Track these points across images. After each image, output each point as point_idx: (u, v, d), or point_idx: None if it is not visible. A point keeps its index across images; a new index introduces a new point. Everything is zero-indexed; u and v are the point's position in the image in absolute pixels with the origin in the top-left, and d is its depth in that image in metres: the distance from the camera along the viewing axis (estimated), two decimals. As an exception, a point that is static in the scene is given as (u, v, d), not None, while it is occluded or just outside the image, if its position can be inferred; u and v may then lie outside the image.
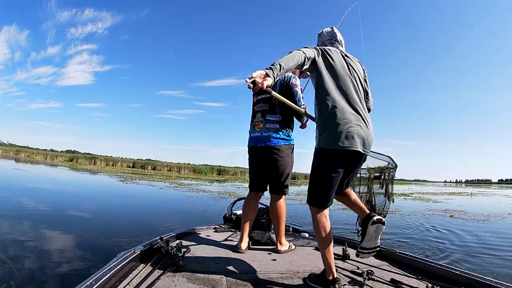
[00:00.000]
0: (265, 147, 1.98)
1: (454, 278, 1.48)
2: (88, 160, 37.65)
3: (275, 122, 1.98)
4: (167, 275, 1.40)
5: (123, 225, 4.41)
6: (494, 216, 7.76)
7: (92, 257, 2.69)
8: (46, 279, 2.14)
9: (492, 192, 26.71)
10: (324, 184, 1.38)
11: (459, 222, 6.37)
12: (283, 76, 2.02)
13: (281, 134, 1.97)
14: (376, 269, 1.66)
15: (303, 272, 1.60)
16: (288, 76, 2.02)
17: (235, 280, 1.43)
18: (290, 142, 2.02)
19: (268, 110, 2.01)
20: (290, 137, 2.02)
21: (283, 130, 1.98)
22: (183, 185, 14.00)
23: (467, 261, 3.28)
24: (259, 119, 2.03)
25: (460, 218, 6.95)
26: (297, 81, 2.02)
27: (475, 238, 4.59)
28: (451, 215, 7.33)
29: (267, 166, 2.02)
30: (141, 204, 6.97)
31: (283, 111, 1.98)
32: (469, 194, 19.71)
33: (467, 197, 16.53)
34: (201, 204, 7.31)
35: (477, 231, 5.26)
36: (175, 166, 40.49)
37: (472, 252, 3.70)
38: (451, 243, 4.20)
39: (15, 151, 40.31)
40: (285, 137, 1.98)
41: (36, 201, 5.69)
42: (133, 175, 19.63)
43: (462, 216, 7.43)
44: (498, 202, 13.66)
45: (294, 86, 1.98)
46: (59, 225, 3.85)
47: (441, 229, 5.28)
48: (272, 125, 1.98)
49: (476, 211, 8.64)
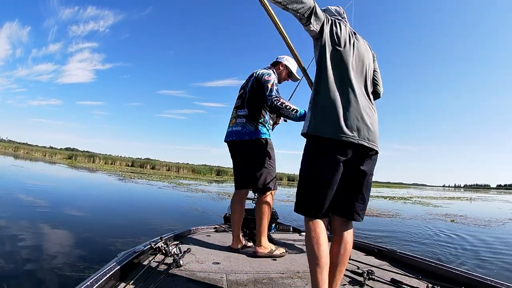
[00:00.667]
0: (234, 142, 1.99)
1: (454, 278, 1.48)
2: (87, 158, 37.53)
3: (242, 117, 1.97)
4: (167, 275, 1.39)
5: (122, 224, 4.35)
6: (495, 221, 7.73)
7: (92, 257, 2.66)
8: (45, 279, 2.12)
9: (491, 197, 26.69)
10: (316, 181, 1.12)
11: (461, 227, 6.31)
12: (258, 74, 2.00)
13: (247, 128, 1.93)
14: (377, 269, 1.64)
15: (303, 272, 1.59)
16: (262, 73, 1.99)
17: (235, 280, 1.42)
18: (259, 136, 1.93)
19: (239, 106, 2.02)
20: (259, 130, 1.94)
21: (249, 124, 1.94)
22: (182, 185, 13.94)
23: (469, 265, 3.22)
24: (234, 115, 2.05)
25: (461, 223, 6.90)
26: (270, 77, 1.96)
27: (478, 243, 4.53)
28: (452, 220, 7.28)
29: (240, 162, 2.02)
30: (140, 203, 6.91)
31: (250, 105, 1.97)
32: (469, 199, 19.68)
33: (467, 202, 16.49)
34: (200, 205, 7.25)
35: (480, 236, 5.20)
36: (174, 165, 40.43)
37: (476, 257, 3.65)
38: (454, 247, 4.15)
39: (14, 148, 40.20)
40: (251, 131, 1.92)
41: (32, 199, 5.61)
42: (132, 174, 19.56)
43: (463, 221, 7.38)
44: (498, 208, 13.62)
45: (265, 82, 1.92)
46: (57, 225, 3.79)
47: (444, 233, 5.22)
48: (240, 119, 1.98)
49: (477, 216, 8.60)
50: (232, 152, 2.09)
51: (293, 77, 2.22)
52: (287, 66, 2.16)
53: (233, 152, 2.07)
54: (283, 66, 2.16)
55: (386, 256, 1.97)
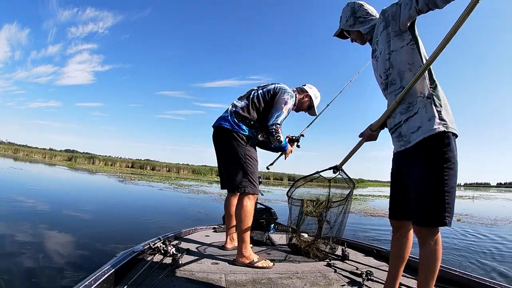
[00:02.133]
0: (217, 127, 1.85)
1: (454, 279, 1.48)
2: (86, 159, 37.43)
3: (237, 107, 1.84)
4: (166, 274, 1.38)
5: (123, 226, 4.25)
6: (501, 220, 7.66)
7: (91, 256, 2.63)
8: (44, 279, 2.09)
9: (494, 195, 26.66)
10: (453, 187, 1.01)
11: (467, 226, 6.21)
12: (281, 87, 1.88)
13: (232, 119, 1.79)
14: (376, 270, 1.65)
15: (302, 272, 1.59)
16: (285, 91, 1.86)
17: (234, 280, 1.41)
18: (242, 132, 1.78)
19: (241, 97, 1.91)
20: (243, 128, 1.79)
21: (238, 117, 1.80)
22: (183, 186, 13.84)
23: (481, 265, 3.12)
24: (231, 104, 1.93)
25: (467, 222, 6.82)
26: (290, 101, 1.85)
27: (490, 243, 4.43)
28: (458, 219, 7.18)
29: (218, 152, 1.91)
30: (141, 206, 6.79)
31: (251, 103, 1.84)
32: (471, 198, 19.59)
33: (469, 201, 16.39)
34: (202, 206, 7.14)
35: (489, 235, 5.11)
36: (174, 166, 40.35)
37: (489, 258, 3.54)
38: (464, 247, 4.05)
39: (14, 150, 40.06)
40: (235, 122, 1.78)
41: (30, 202, 5.49)
42: (132, 176, 19.45)
43: (469, 220, 7.29)
44: (502, 206, 13.57)
45: (283, 102, 1.81)
46: (57, 225, 3.73)
47: (452, 233, 5.12)
48: (233, 108, 1.85)
49: (482, 215, 8.53)
50: (215, 143, 1.93)
51: (312, 111, 2.13)
52: (311, 98, 2.05)
53: (215, 141, 1.91)
54: (309, 97, 2.05)
55: (385, 257, 1.94)
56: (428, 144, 1.00)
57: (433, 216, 0.99)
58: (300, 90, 2.04)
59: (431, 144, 1.00)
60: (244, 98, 1.88)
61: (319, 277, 1.53)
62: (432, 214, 0.99)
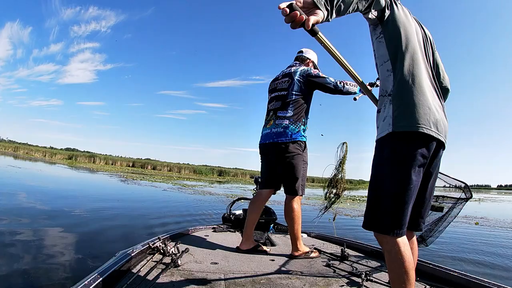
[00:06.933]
0: (272, 144, 1.97)
1: (453, 279, 1.49)
2: (87, 158, 37.24)
3: (284, 118, 1.95)
4: (165, 274, 1.38)
5: (127, 230, 3.99)
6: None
7: (90, 256, 2.61)
8: (43, 279, 2.05)
9: (498, 198, 26.39)
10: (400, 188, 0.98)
11: (489, 230, 5.97)
12: (300, 72, 2.00)
13: (289, 130, 1.93)
14: (374, 270, 1.66)
15: (301, 273, 1.60)
16: (304, 70, 2.01)
17: (233, 280, 1.41)
18: (300, 138, 1.95)
19: (279, 108, 1.99)
20: (300, 133, 1.95)
21: (292, 126, 1.94)
22: (186, 187, 13.59)
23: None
24: (271, 117, 2.04)
25: (486, 226, 6.59)
26: (314, 70, 2.02)
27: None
28: (476, 223, 6.94)
29: (276, 163, 2.01)
30: (148, 207, 6.52)
31: (294, 107, 1.96)
32: (477, 200, 19.35)
33: (476, 203, 16.14)
34: (212, 209, 6.82)
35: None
36: (175, 166, 40.13)
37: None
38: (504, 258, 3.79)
39: (14, 148, 39.81)
40: (294, 133, 1.93)
41: (28, 201, 5.26)
42: (134, 175, 19.22)
43: (486, 223, 7.06)
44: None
45: (318, 76, 1.96)
46: (56, 224, 3.66)
47: (482, 241, 4.86)
48: (281, 121, 1.96)
49: (497, 218, 8.34)
50: (266, 153, 2.07)
51: (317, 69, 2.28)
52: (313, 60, 2.22)
53: (268, 154, 2.04)
54: (311, 61, 2.20)
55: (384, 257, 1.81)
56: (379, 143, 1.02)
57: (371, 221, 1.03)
58: (301, 60, 2.18)
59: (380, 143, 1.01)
60: (286, 108, 1.96)
61: (318, 277, 1.54)
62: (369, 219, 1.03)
